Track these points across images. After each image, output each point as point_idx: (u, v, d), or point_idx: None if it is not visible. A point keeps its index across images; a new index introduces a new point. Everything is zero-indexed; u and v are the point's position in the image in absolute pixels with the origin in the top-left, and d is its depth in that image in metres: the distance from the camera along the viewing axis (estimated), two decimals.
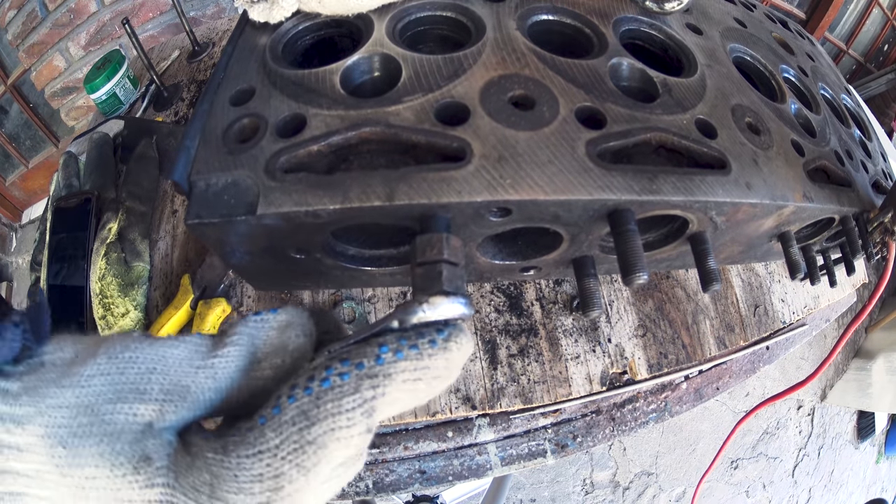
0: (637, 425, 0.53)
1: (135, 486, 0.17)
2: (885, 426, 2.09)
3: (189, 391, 0.18)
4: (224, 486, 0.17)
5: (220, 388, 0.19)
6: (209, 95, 0.35)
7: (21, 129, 1.52)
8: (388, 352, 0.18)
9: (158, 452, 0.17)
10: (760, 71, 0.48)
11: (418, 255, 0.28)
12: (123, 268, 0.53)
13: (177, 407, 0.18)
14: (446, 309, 0.20)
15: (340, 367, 0.18)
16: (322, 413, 0.17)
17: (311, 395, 0.17)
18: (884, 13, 2.23)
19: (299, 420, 0.17)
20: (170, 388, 0.18)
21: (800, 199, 0.38)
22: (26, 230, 1.67)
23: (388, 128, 0.32)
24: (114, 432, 0.17)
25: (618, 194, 0.31)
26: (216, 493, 0.17)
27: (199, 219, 0.30)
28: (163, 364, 0.18)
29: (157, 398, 0.18)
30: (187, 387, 0.18)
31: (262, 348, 0.20)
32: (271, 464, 0.17)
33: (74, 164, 0.61)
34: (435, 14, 0.41)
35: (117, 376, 0.18)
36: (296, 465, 0.17)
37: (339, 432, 0.17)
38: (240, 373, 0.19)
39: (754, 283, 0.61)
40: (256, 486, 0.17)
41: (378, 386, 0.18)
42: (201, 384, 0.19)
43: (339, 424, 0.17)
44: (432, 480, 0.49)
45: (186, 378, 0.18)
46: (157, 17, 0.98)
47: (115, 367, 0.18)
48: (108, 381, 0.17)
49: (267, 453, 0.17)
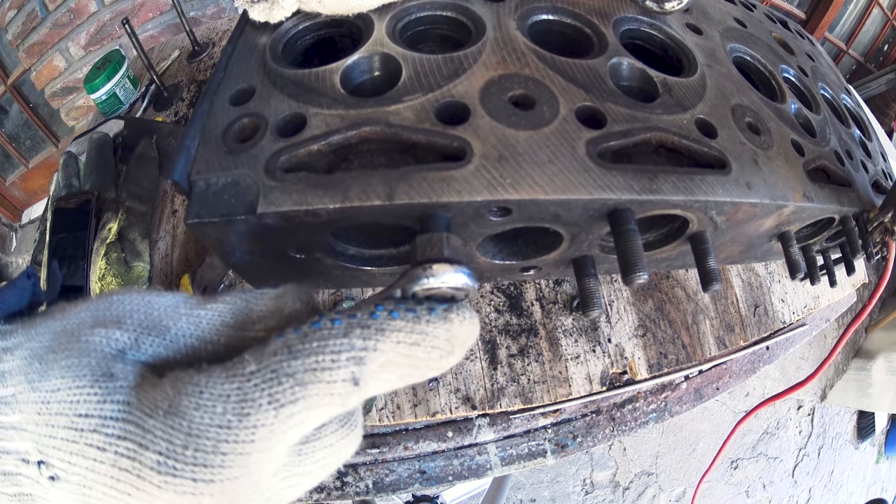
0: (637, 425, 0.53)
1: (92, 398, 0.16)
2: (885, 426, 2.09)
3: (168, 330, 0.18)
4: (184, 400, 0.16)
5: (203, 337, 0.19)
6: (209, 95, 0.35)
7: (21, 129, 1.52)
8: (384, 311, 0.18)
9: (123, 373, 0.17)
10: (760, 71, 0.48)
11: (418, 255, 0.28)
12: (123, 268, 0.53)
13: (153, 341, 0.18)
14: (450, 277, 0.20)
15: (333, 314, 0.18)
16: (306, 349, 0.16)
17: (299, 333, 0.17)
18: (884, 13, 2.23)
19: (281, 352, 0.16)
20: (149, 324, 0.18)
21: (800, 198, 0.38)
22: (26, 230, 1.68)
23: (388, 127, 0.32)
24: (86, 350, 0.17)
25: (618, 194, 0.31)
26: (174, 407, 0.16)
27: (199, 218, 0.30)
28: (147, 306, 0.19)
29: (135, 329, 0.18)
30: (167, 327, 0.18)
31: (257, 310, 0.20)
32: (241, 387, 0.16)
33: (74, 164, 0.61)
34: (435, 14, 0.41)
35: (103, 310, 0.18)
36: (268, 394, 0.16)
37: (321, 373, 0.16)
38: (228, 328, 0.19)
39: (754, 283, 0.61)
40: (220, 406, 0.16)
41: (369, 338, 0.17)
42: (182, 328, 0.19)
43: (323, 365, 0.16)
44: (432, 480, 0.49)
45: (168, 320, 0.19)
46: (157, 17, 0.98)
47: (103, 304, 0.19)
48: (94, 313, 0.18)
49: (240, 377, 0.16)
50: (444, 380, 0.49)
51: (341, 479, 0.49)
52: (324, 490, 0.49)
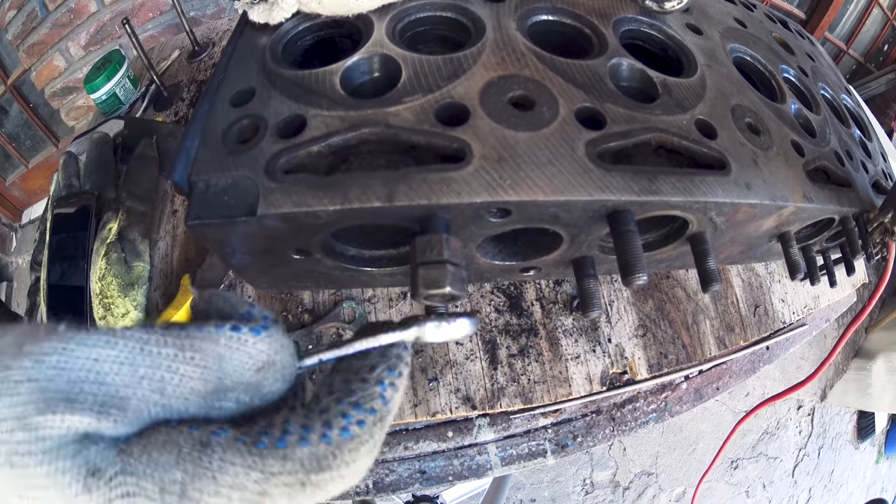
0: (637, 425, 0.53)
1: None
2: (885, 426, 2.09)
3: (128, 403, 0.16)
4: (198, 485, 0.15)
5: (169, 406, 0.16)
6: (209, 96, 0.35)
7: (21, 129, 1.52)
8: (387, 388, 0.18)
9: (106, 459, 0.15)
10: (760, 71, 0.48)
11: (418, 256, 0.28)
12: (123, 268, 0.53)
13: (115, 421, 0.15)
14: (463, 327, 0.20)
15: (356, 413, 0.17)
16: (338, 462, 0.16)
17: (330, 446, 0.16)
18: (884, 13, 2.23)
19: (310, 464, 0.16)
20: (104, 400, 0.15)
21: (800, 199, 0.38)
22: (26, 230, 1.68)
23: (387, 128, 0.32)
24: (52, 448, 0.15)
25: (617, 195, 0.31)
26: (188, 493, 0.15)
27: (200, 220, 0.30)
28: (96, 370, 0.15)
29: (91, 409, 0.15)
30: (127, 398, 0.16)
31: (232, 376, 0.17)
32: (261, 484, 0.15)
33: (74, 164, 0.61)
34: (435, 14, 0.41)
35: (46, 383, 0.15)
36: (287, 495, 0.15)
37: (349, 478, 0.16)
38: (197, 397, 0.17)
39: (754, 283, 0.61)
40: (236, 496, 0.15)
41: (384, 426, 0.17)
42: (145, 397, 0.16)
43: (352, 471, 0.16)
44: (432, 480, 0.50)
45: (126, 389, 0.16)
46: (157, 17, 0.98)
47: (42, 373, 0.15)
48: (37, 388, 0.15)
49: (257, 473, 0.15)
50: (445, 380, 0.49)
51: None
52: None
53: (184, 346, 0.16)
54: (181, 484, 0.15)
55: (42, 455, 0.15)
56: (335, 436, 0.16)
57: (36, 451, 0.15)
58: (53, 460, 0.15)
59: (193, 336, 0.17)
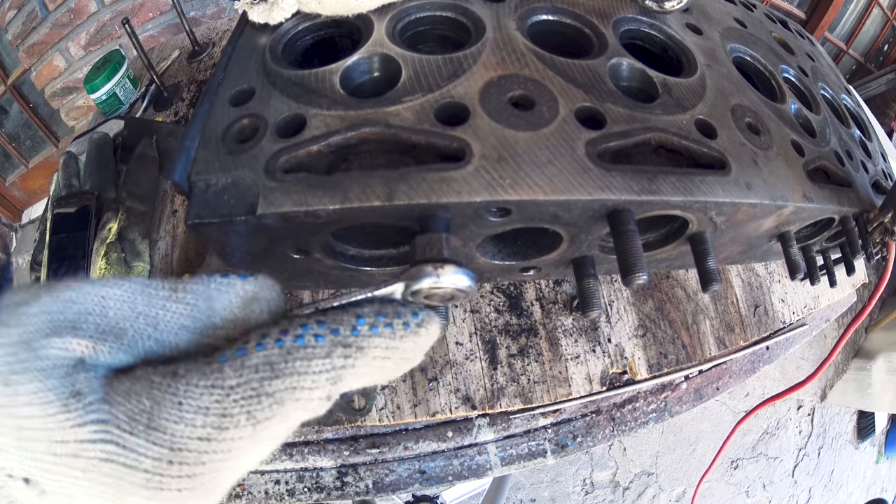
0: (637, 425, 0.53)
1: (66, 425, 0.16)
2: (885, 426, 2.09)
3: (126, 334, 0.17)
4: (164, 413, 0.16)
5: (161, 340, 0.18)
6: (209, 96, 0.35)
7: (21, 129, 1.52)
8: (365, 325, 0.18)
9: (90, 385, 0.16)
10: (760, 71, 0.48)
11: (418, 255, 0.28)
12: (123, 268, 0.53)
13: (111, 347, 0.17)
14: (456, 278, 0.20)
15: (316, 328, 0.17)
16: (288, 369, 0.17)
17: (283, 349, 0.17)
18: (884, 13, 2.23)
19: (263, 369, 0.16)
20: (105, 329, 0.17)
21: (800, 199, 0.38)
22: (26, 230, 1.68)
23: (387, 128, 0.32)
24: (46, 368, 0.16)
25: (617, 194, 0.31)
26: (154, 420, 0.16)
27: (200, 219, 0.30)
28: (102, 305, 0.17)
29: (92, 335, 0.17)
30: (125, 329, 0.17)
31: (221, 314, 0.18)
32: (221, 401, 0.16)
33: (74, 164, 0.61)
34: (435, 14, 0.41)
35: (57, 315, 0.17)
36: (247, 411, 0.16)
37: (301, 392, 0.17)
38: (187, 332, 0.18)
39: (754, 283, 0.61)
40: (199, 419, 0.16)
41: (350, 356, 0.18)
42: (140, 330, 0.18)
43: (303, 385, 0.17)
44: (432, 480, 0.49)
45: (125, 321, 0.17)
46: (157, 17, 0.98)
47: (56, 305, 0.17)
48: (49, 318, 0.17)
49: (219, 389, 0.16)
50: (444, 380, 0.49)
51: (341, 479, 0.49)
52: (324, 490, 0.49)
53: (177, 288, 0.18)
54: (148, 413, 0.16)
55: (35, 373, 0.16)
56: (288, 341, 0.17)
57: (31, 370, 0.16)
58: (44, 378, 0.16)
59: (187, 282, 0.18)
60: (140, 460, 0.16)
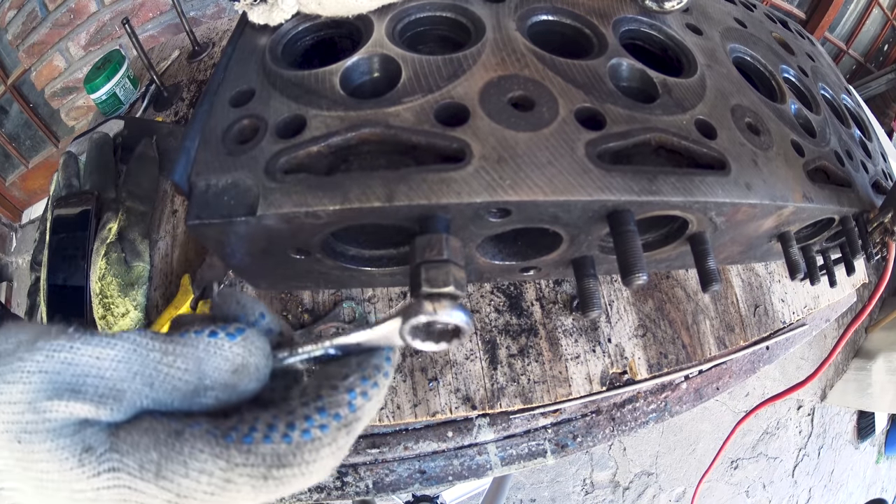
0: (637, 425, 0.53)
1: (82, 476, 0.17)
2: (885, 426, 2.09)
3: (124, 396, 0.18)
4: (171, 466, 0.17)
5: (157, 399, 0.19)
6: (209, 96, 0.35)
7: (21, 129, 1.52)
8: (356, 397, 0.19)
9: (98, 439, 0.18)
10: (760, 71, 0.48)
11: (418, 256, 0.28)
12: (123, 268, 0.53)
13: (111, 410, 0.18)
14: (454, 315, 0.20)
15: (319, 417, 0.18)
16: (297, 460, 0.18)
17: (290, 444, 0.18)
18: (884, 13, 2.23)
19: (271, 460, 0.17)
20: (104, 392, 0.18)
21: (799, 199, 0.38)
22: (26, 230, 1.68)
23: (387, 129, 0.32)
24: (55, 428, 0.17)
25: (617, 195, 0.31)
26: (162, 471, 0.17)
27: (200, 219, 0.30)
28: (98, 367, 0.18)
29: (92, 399, 0.18)
30: (123, 391, 0.18)
31: (210, 376, 0.19)
32: (226, 471, 0.17)
33: (74, 164, 0.61)
34: (434, 15, 0.41)
35: (55, 375, 0.18)
36: (251, 485, 0.17)
37: (310, 476, 0.18)
38: (179, 393, 0.19)
39: (754, 283, 0.61)
40: (204, 478, 0.17)
41: (351, 431, 0.19)
42: (137, 390, 0.18)
43: (312, 470, 0.18)
44: (432, 480, 0.50)
45: (122, 383, 0.18)
46: (157, 17, 0.98)
47: (53, 366, 0.18)
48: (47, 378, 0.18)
49: (223, 461, 0.17)
50: (444, 380, 0.49)
51: (341, 479, 0.49)
52: (324, 490, 0.49)
53: (167, 349, 0.19)
54: (157, 464, 0.17)
55: (46, 433, 0.17)
56: (296, 437, 0.18)
57: (41, 430, 0.17)
58: (55, 438, 0.17)
59: (176, 342, 0.19)
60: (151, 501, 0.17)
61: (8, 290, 1.62)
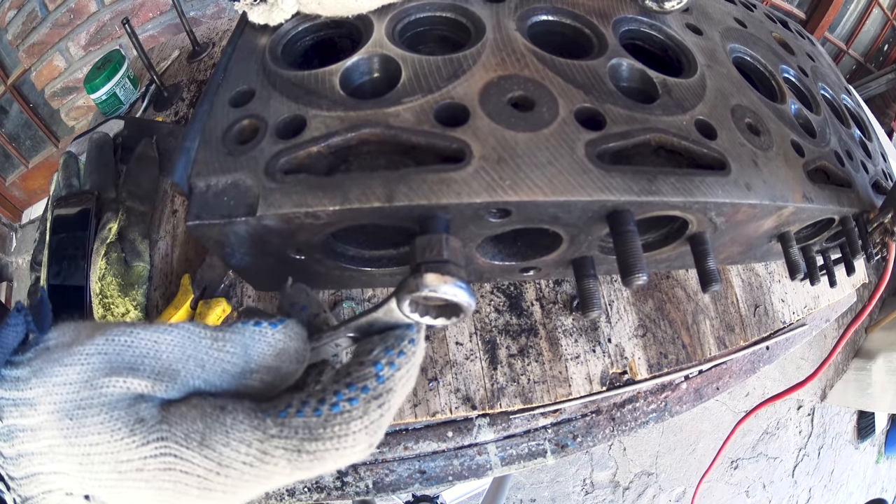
0: (637, 425, 0.53)
1: (132, 446, 0.18)
2: (885, 426, 2.09)
3: (179, 375, 0.20)
4: (214, 436, 0.18)
5: (208, 380, 0.20)
6: (209, 96, 0.35)
7: (21, 129, 1.52)
8: (383, 368, 0.20)
9: (150, 413, 0.19)
10: (760, 71, 0.48)
11: (418, 256, 0.28)
12: (123, 268, 0.53)
13: (167, 387, 0.19)
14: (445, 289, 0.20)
15: (348, 391, 0.19)
16: (328, 433, 0.18)
17: (321, 417, 0.18)
18: (884, 13, 2.23)
19: (303, 432, 0.18)
20: (161, 371, 0.19)
21: (799, 199, 0.38)
22: (26, 230, 1.68)
23: (387, 129, 0.32)
24: (111, 402, 0.18)
25: (617, 195, 0.31)
26: (206, 440, 0.18)
27: (199, 220, 0.30)
28: (155, 349, 0.20)
29: (149, 376, 0.19)
30: (177, 371, 0.20)
31: (256, 360, 0.21)
32: (263, 441, 0.18)
33: (74, 164, 0.61)
34: (434, 15, 0.41)
35: (114, 356, 0.19)
36: (286, 458, 0.18)
37: (343, 452, 0.18)
38: (228, 375, 0.20)
39: (754, 283, 0.61)
40: (243, 448, 0.18)
41: (384, 403, 0.19)
42: (190, 371, 0.20)
43: (344, 445, 0.18)
44: (432, 480, 0.50)
45: (177, 363, 0.20)
46: (157, 17, 0.98)
47: (112, 348, 0.19)
48: (107, 359, 0.19)
49: (260, 432, 0.18)
50: (444, 380, 0.49)
51: (341, 479, 0.49)
52: (324, 490, 0.49)
53: (217, 336, 0.21)
54: (201, 433, 0.18)
55: (101, 407, 0.18)
56: (326, 410, 0.19)
57: (96, 405, 0.18)
58: (110, 411, 0.18)
59: (225, 330, 0.21)
60: (194, 468, 0.18)
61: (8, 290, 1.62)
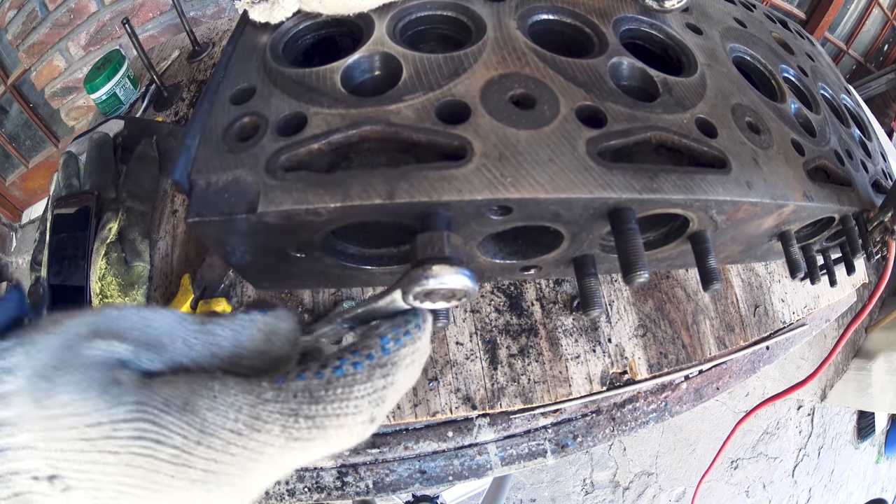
0: (637, 425, 0.53)
1: (102, 406, 0.16)
2: (885, 426, 2.09)
3: (165, 349, 0.18)
4: (199, 400, 0.17)
5: (196, 361, 0.19)
6: (210, 94, 0.35)
7: (21, 129, 1.52)
8: (389, 342, 0.19)
9: (129, 377, 0.17)
10: (760, 71, 0.48)
11: (419, 254, 0.28)
12: (123, 268, 0.53)
13: (151, 357, 0.18)
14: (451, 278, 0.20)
15: (352, 357, 0.18)
16: (329, 396, 0.17)
17: (322, 379, 0.17)
18: (884, 13, 2.23)
19: (302, 395, 0.17)
20: (147, 341, 0.18)
21: (800, 198, 0.38)
22: (26, 230, 1.67)
23: (388, 126, 0.32)
24: (88, 364, 0.17)
25: (618, 192, 0.31)
26: (189, 404, 0.16)
27: (200, 217, 0.30)
28: (145, 324, 0.19)
29: (134, 343, 0.18)
30: (164, 345, 0.19)
31: (246, 345, 0.20)
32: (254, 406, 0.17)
33: (74, 164, 0.61)
34: (435, 13, 0.41)
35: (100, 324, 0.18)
36: (281, 424, 0.17)
37: (344, 418, 0.17)
38: (217, 360, 0.19)
39: (754, 283, 0.61)
40: (232, 413, 0.17)
41: (388, 374, 0.18)
42: (178, 349, 0.19)
43: (346, 410, 0.17)
44: (432, 480, 0.49)
45: (165, 338, 0.19)
46: (157, 17, 0.98)
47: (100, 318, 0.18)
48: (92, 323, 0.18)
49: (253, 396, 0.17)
50: (444, 379, 0.49)
51: (341, 479, 0.49)
52: (324, 490, 0.49)
53: (205, 320, 0.20)
54: (184, 399, 0.17)
55: (77, 368, 0.17)
56: (328, 373, 0.18)
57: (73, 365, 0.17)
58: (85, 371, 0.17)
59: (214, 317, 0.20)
60: (170, 436, 0.16)
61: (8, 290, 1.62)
